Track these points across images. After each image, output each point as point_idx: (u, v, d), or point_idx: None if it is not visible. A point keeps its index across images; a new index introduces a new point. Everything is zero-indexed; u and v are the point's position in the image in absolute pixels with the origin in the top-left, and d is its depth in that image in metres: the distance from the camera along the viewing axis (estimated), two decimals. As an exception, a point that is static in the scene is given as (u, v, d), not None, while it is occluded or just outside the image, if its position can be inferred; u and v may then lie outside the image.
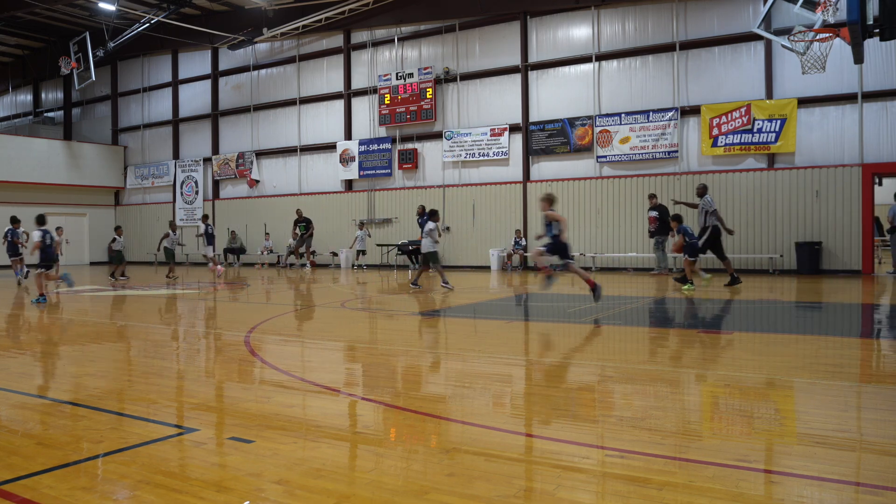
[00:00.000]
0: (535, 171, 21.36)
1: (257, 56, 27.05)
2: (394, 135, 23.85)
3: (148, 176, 30.74)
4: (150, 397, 5.36)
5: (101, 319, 11.01)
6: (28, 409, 5.09)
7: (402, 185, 23.78)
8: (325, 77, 25.39)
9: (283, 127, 26.54)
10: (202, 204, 28.83)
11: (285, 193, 26.50)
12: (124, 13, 25.10)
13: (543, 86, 21.16)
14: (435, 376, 6.39)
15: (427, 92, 22.87)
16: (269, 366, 6.70)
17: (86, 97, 32.61)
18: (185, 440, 4.25)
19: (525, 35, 21.32)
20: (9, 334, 9.55)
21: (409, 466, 3.71)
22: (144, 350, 7.87)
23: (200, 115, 28.99)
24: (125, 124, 31.76)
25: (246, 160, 27.30)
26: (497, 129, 21.73)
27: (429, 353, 7.52)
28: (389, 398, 5.30)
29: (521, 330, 9.33)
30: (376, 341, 8.42)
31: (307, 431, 4.38)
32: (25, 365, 6.89)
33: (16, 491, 3.36)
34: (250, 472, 3.58)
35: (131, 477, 3.54)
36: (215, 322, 10.76)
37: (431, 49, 23.16)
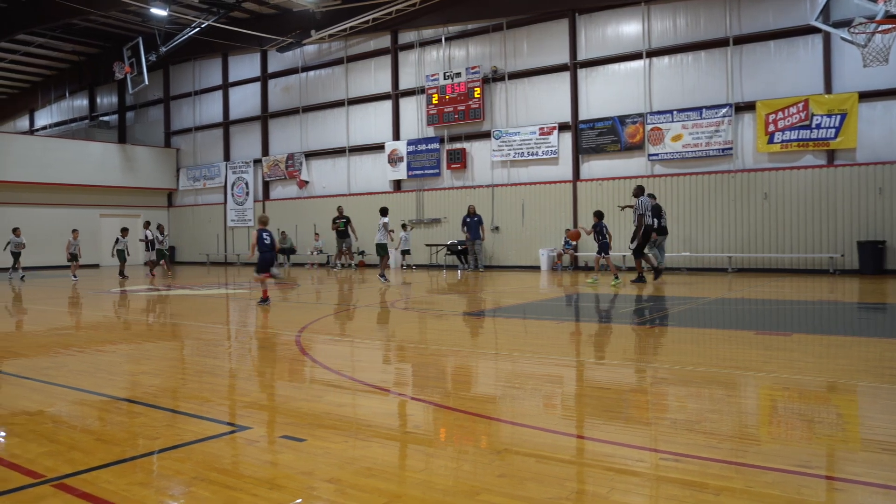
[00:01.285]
0: (585, 170, 21.15)
1: (306, 58, 27.36)
2: (442, 135, 23.88)
3: (199, 178, 31.36)
4: (203, 395, 5.45)
5: (155, 319, 11.26)
6: (87, 406, 5.22)
7: (451, 184, 23.78)
8: (372, 78, 25.56)
9: (332, 128, 26.80)
10: (253, 205, 29.29)
11: (334, 194, 26.75)
12: (176, 18, 25.66)
13: (593, 83, 20.93)
14: (485, 377, 6.35)
15: (475, 91, 22.83)
16: (319, 365, 6.76)
17: (139, 101, 33.44)
18: (237, 438, 4.30)
19: (574, 32, 21.11)
20: (71, 333, 9.83)
21: (460, 467, 3.69)
22: (197, 349, 8.01)
23: (250, 117, 29.47)
24: (177, 127, 32.46)
25: (295, 161, 27.65)
26: (546, 127, 21.58)
27: (478, 354, 7.49)
28: (439, 398, 5.29)
29: (571, 331, 9.24)
30: (425, 341, 8.42)
31: (358, 431, 4.39)
32: (84, 362, 7.08)
33: (76, 485, 3.44)
34: (302, 471, 3.60)
35: (186, 473, 3.60)
36: (266, 322, 10.90)
37: (479, 48, 23.11)
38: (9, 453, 4.02)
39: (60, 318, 11.67)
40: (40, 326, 10.55)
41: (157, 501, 3.25)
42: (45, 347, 7.99)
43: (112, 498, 3.26)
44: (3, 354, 7.53)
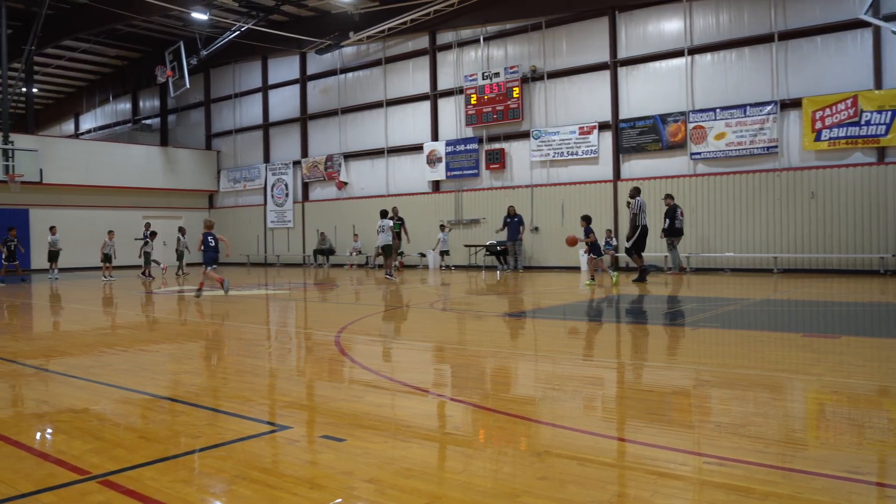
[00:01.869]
0: (625, 170, 20.93)
1: (344, 59, 27.56)
2: (480, 135, 23.84)
3: (240, 179, 31.79)
4: (244, 395, 5.50)
5: (196, 319, 11.42)
6: (130, 404, 5.30)
7: (490, 185, 23.73)
8: (411, 78, 25.63)
9: (371, 129, 26.94)
10: (292, 206, 29.59)
11: (373, 195, 26.89)
12: (216, 22, 26.07)
13: (633, 82, 20.70)
14: (524, 378, 6.31)
15: (514, 91, 22.75)
16: (358, 365, 6.78)
17: (180, 104, 34.05)
18: (278, 437, 4.33)
19: (614, 30, 20.91)
20: (112, 333, 10.03)
21: (500, 468, 3.66)
22: (238, 349, 8.10)
23: (290, 119, 29.78)
24: (218, 129, 32.96)
25: (334, 162, 27.86)
26: (586, 127, 21.40)
27: (518, 355, 7.44)
28: (478, 399, 5.26)
29: (612, 332, 9.13)
30: (465, 342, 8.39)
31: (397, 431, 4.39)
32: (127, 362, 7.20)
33: (120, 482, 3.49)
34: (342, 471, 3.61)
35: (227, 472, 3.63)
36: (305, 322, 11.00)
37: (518, 48, 23.02)
38: (56, 449, 4.10)
39: (104, 318, 11.91)
40: (85, 326, 10.78)
41: (200, 499, 3.28)
42: (90, 347, 8.16)
43: (156, 495, 3.30)
44: (50, 353, 7.71)
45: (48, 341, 8.99)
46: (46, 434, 4.52)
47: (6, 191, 25.70)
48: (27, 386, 6.16)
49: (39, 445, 4.29)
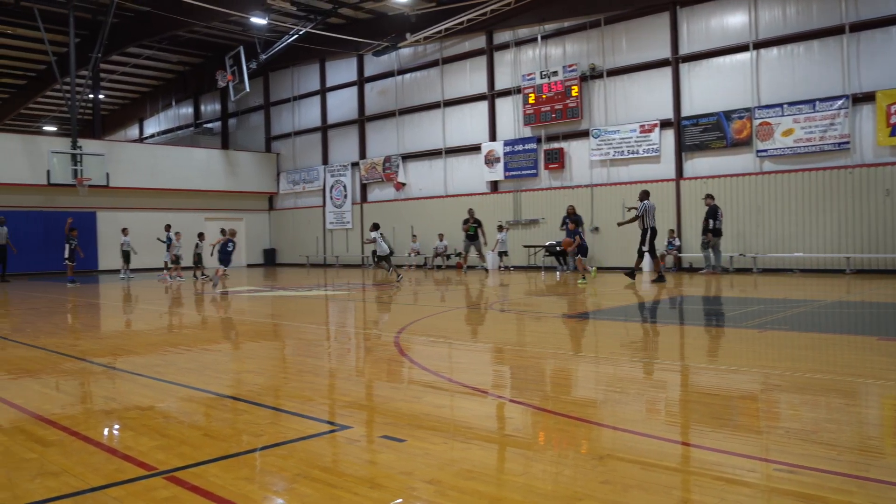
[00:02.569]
0: (688, 168, 20.48)
1: (401, 61, 27.71)
2: (539, 134, 23.66)
3: (299, 181, 32.24)
4: (304, 394, 5.56)
5: (257, 319, 11.63)
6: (194, 402, 5.42)
7: (549, 185, 23.53)
8: (468, 79, 25.61)
9: (428, 130, 27.02)
10: (351, 207, 29.88)
11: (431, 195, 26.96)
12: (274, 26, 26.52)
13: (696, 78, 20.24)
14: (585, 380, 6.21)
15: (572, 90, 22.51)
16: (418, 366, 6.78)
17: (241, 108, 34.72)
18: (338, 437, 4.36)
19: (675, 26, 20.48)
20: (176, 332, 10.29)
21: (560, 471, 3.60)
22: (298, 348, 8.21)
23: (347, 121, 30.06)
24: (277, 132, 33.48)
25: (392, 163, 28.04)
26: (647, 125, 21.03)
27: (579, 357, 7.34)
28: (539, 401, 5.20)
29: (676, 334, 8.94)
30: (524, 343, 8.33)
31: (457, 432, 4.37)
32: (191, 361, 7.36)
33: (186, 478, 3.56)
34: (402, 471, 3.61)
35: (289, 470, 3.66)
36: (364, 322, 11.08)
37: (576, 46, 22.77)
38: (123, 445, 4.21)
39: (169, 318, 12.22)
40: (150, 326, 11.09)
41: (262, 497, 3.33)
42: (155, 346, 8.38)
43: (219, 492, 3.35)
44: (117, 352, 7.94)
45: (115, 340, 9.27)
46: (114, 430, 4.65)
47: (75, 194, 26.64)
48: (96, 383, 6.36)
49: (108, 441, 4.41)
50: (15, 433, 4.46)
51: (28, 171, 25.76)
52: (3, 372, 6.69)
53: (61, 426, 4.63)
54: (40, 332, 9.94)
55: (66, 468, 3.73)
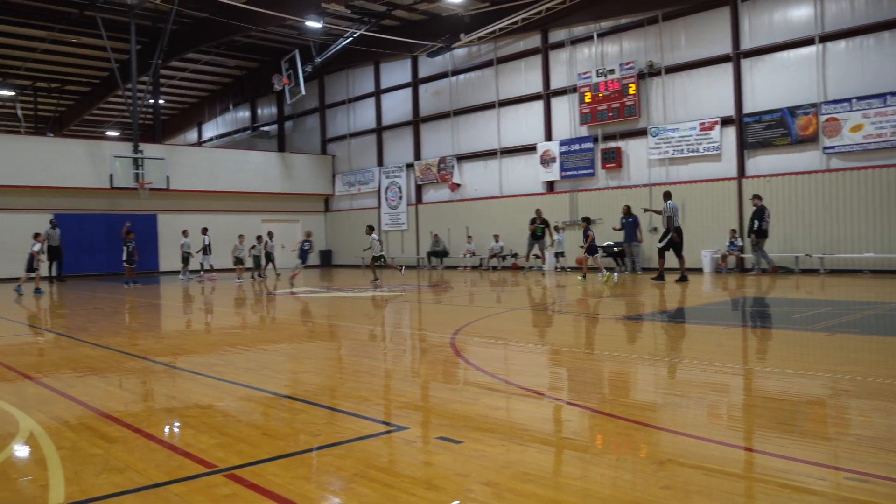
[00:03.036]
0: (750, 167, 19.94)
1: (455, 61, 27.72)
2: (595, 133, 23.38)
3: (354, 183, 32.53)
4: (361, 394, 5.59)
5: (313, 319, 11.77)
6: (253, 402, 5.49)
7: (606, 185, 23.22)
8: (523, 78, 25.47)
9: (483, 130, 26.96)
10: (406, 208, 30.02)
11: (486, 196, 26.89)
12: (329, 29, 26.83)
13: (758, 74, 19.70)
14: (644, 383, 6.09)
15: (629, 88, 22.17)
16: (474, 367, 6.75)
17: (296, 110, 35.21)
18: (395, 437, 4.36)
19: (736, 21, 19.98)
20: (237, 332, 10.48)
21: (619, 475, 3.53)
22: (354, 349, 8.26)
23: (402, 122, 30.20)
24: (332, 134, 33.84)
25: (447, 164, 28.07)
26: (707, 122, 20.57)
27: (637, 359, 7.20)
28: (596, 404, 5.11)
29: (739, 336, 8.70)
30: (581, 345, 8.23)
31: (514, 434, 4.33)
32: (250, 360, 7.48)
33: (245, 476, 3.61)
34: (459, 472, 3.58)
35: (346, 470, 3.68)
36: (420, 323, 11.10)
37: (633, 43, 22.41)
38: (184, 443, 4.30)
39: (227, 319, 12.45)
40: (209, 326, 11.32)
41: (320, 496, 3.35)
42: (214, 346, 8.55)
43: (278, 490, 3.38)
44: (178, 352, 8.12)
45: (176, 340, 9.50)
46: (175, 428, 4.75)
47: (136, 197, 27.45)
48: (157, 382, 6.51)
49: (169, 438, 4.51)
50: (81, 430, 4.60)
51: (92, 175, 26.67)
52: (70, 370, 6.91)
53: (125, 423, 4.75)
54: (104, 331, 10.25)
55: (130, 464, 3.82)
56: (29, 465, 3.96)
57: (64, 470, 3.74)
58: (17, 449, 4.24)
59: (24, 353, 8.18)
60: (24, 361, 7.49)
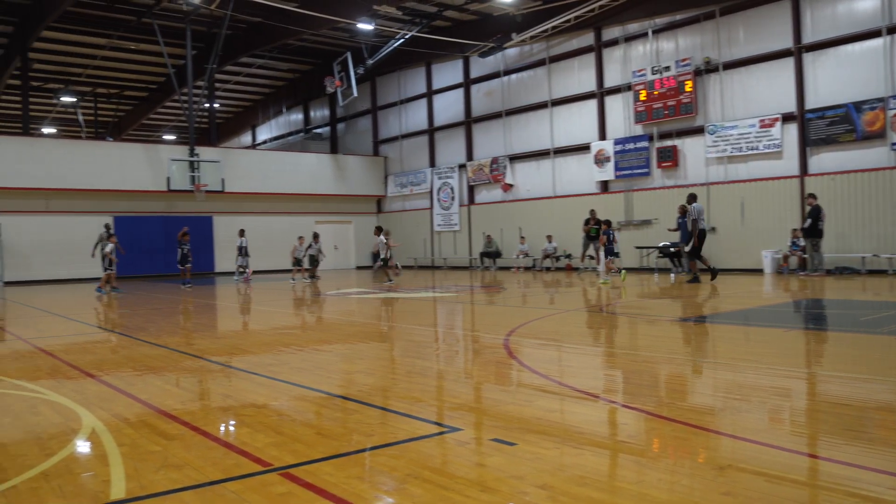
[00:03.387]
0: (813, 164, 19.34)
1: (507, 61, 27.60)
2: (651, 132, 23.00)
3: (406, 184, 32.66)
4: (414, 395, 5.58)
5: (366, 320, 11.83)
6: (307, 401, 5.54)
7: (662, 184, 22.82)
8: (576, 77, 25.21)
9: (535, 130, 26.78)
10: (458, 209, 30.02)
11: (539, 196, 26.72)
12: (381, 31, 27.00)
13: (821, 68, 19.09)
14: (702, 386, 5.94)
15: (686, 85, 21.74)
16: (527, 369, 6.69)
17: (349, 112, 35.53)
18: (448, 439, 4.33)
19: (797, 14, 19.41)
20: (291, 332, 10.61)
21: (677, 480, 3.44)
22: (407, 350, 8.27)
23: (454, 123, 30.19)
24: (384, 136, 34.04)
25: (499, 165, 27.96)
26: (767, 119, 20.03)
27: (695, 362, 7.03)
28: (653, 407, 5.01)
29: (802, 339, 8.43)
30: (637, 347, 8.08)
31: (569, 437, 4.26)
32: (304, 360, 7.55)
33: (299, 475, 3.63)
34: (513, 475, 3.54)
35: (400, 470, 3.67)
36: (473, 324, 11.07)
37: (689, 39, 21.98)
38: (240, 441, 4.35)
39: (282, 319, 12.61)
40: (264, 326, 11.48)
41: (374, 496, 3.34)
42: (269, 346, 8.66)
43: (332, 489, 3.39)
44: (233, 351, 8.25)
45: (231, 339, 9.66)
46: (231, 426, 4.82)
47: (192, 199, 28.10)
48: (213, 381, 6.62)
49: (225, 436, 4.57)
50: (141, 427, 4.70)
51: (150, 178, 27.41)
52: (129, 369, 7.08)
53: (182, 421, 4.84)
54: (162, 331, 10.49)
55: (188, 461, 3.89)
56: (91, 461, 4.06)
57: (124, 466, 3.82)
58: (79, 445, 4.36)
59: (86, 352, 8.42)
60: (86, 360, 7.71)
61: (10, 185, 25.03)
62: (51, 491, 3.47)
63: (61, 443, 4.38)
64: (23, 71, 28.07)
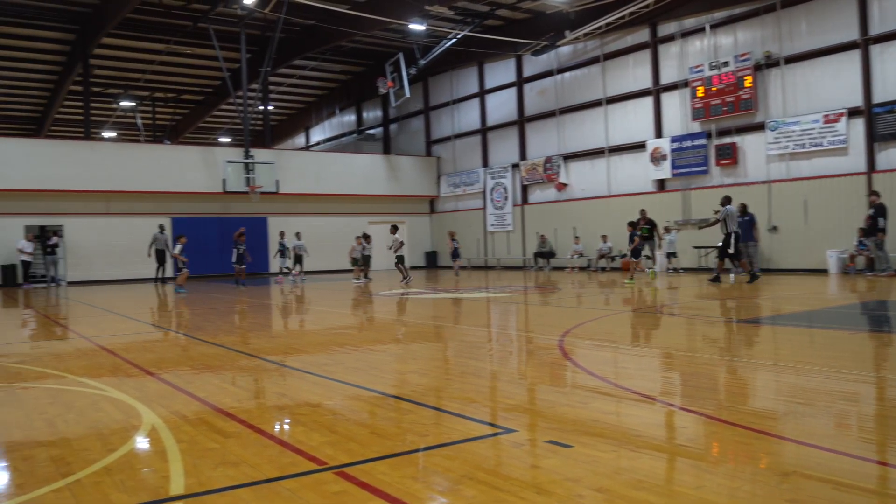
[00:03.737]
0: (881, 160, 18.64)
1: (560, 59, 27.35)
2: (709, 129, 22.50)
3: (459, 184, 32.63)
4: (468, 396, 5.55)
5: (419, 320, 11.85)
6: (361, 401, 5.56)
7: (720, 182, 22.30)
8: (631, 74, 24.84)
9: (589, 128, 26.47)
10: (511, 209, 29.88)
11: (593, 196, 26.41)
12: (433, 31, 27.04)
13: (890, 60, 18.37)
14: (764, 389, 5.77)
15: (745, 80, 21.21)
16: (583, 370, 6.60)
17: (401, 113, 35.68)
18: (503, 440, 4.30)
19: (864, 4, 18.72)
20: (346, 332, 10.70)
21: (738, 486, 3.33)
22: (460, 350, 8.25)
23: (507, 123, 30.04)
24: (437, 136, 34.07)
25: (553, 164, 27.74)
26: (832, 114, 19.38)
27: (757, 364, 6.84)
28: (712, 410, 4.88)
29: (868, 342, 8.13)
30: (696, 349, 7.90)
31: (626, 440, 4.17)
32: (358, 360, 7.59)
33: (354, 474, 3.64)
34: (569, 477, 3.49)
35: (454, 471, 3.64)
36: (527, 325, 10.99)
37: (748, 33, 21.42)
38: (295, 440, 4.39)
39: (336, 319, 12.71)
40: (318, 325, 11.60)
41: (428, 496, 3.33)
42: (323, 345, 8.73)
43: (387, 489, 3.39)
44: (289, 351, 8.34)
45: (286, 339, 9.78)
46: (286, 425, 4.87)
47: (247, 201, 28.60)
48: (269, 380, 6.71)
49: (280, 435, 4.62)
50: (199, 424, 4.78)
51: (206, 180, 28.00)
52: (187, 367, 7.23)
53: (239, 419, 4.91)
54: (219, 330, 10.69)
55: (245, 459, 3.93)
56: (151, 457, 4.14)
57: (183, 462, 3.89)
58: (139, 441, 4.46)
59: (146, 350, 8.63)
60: (146, 358, 7.90)
61: (73, 188, 25.87)
62: (113, 485, 3.55)
63: (122, 439, 4.49)
64: (84, 77, 28.98)
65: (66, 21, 26.89)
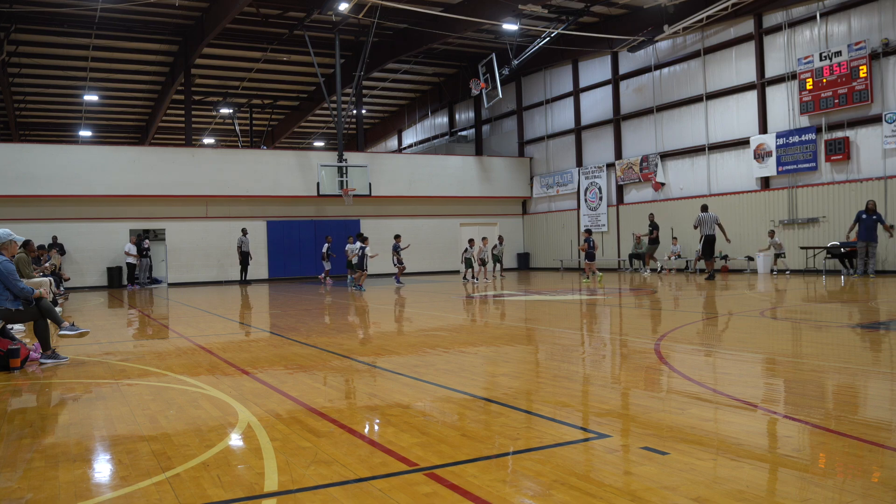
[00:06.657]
0: None
1: (658, 55, 26.63)
2: (818, 123, 21.39)
3: (553, 185, 32.25)
4: (560, 400, 5.46)
5: (512, 323, 11.76)
6: (452, 403, 5.54)
7: (831, 179, 21.17)
8: (733, 68, 23.92)
9: (689, 126, 25.66)
10: (606, 209, 29.32)
11: (693, 195, 25.58)
12: (526, 31, 26.82)
13: None
14: (879, 399, 5.41)
15: (860, 70, 20.04)
16: (680, 375, 6.38)
17: (493, 114, 35.59)
18: (596, 445, 4.20)
19: None
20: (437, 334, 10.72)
21: (849, 501, 3.13)
22: (553, 353, 8.13)
23: (602, 122, 29.51)
24: (530, 136, 33.78)
25: (650, 163, 27.04)
26: (954, 104, 18.08)
27: (871, 372, 6.42)
28: (819, 419, 4.61)
29: None
30: (801, 355, 7.50)
31: (725, 448, 4.00)
32: (449, 362, 7.58)
33: (444, 476, 3.63)
34: (665, 485, 3.37)
35: (546, 476, 3.59)
36: (621, 328, 10.74)
37: (863, 20, 20.22)
38: (386, 440, 4.42)
39: (428, 321, 12.75)
40: (410, 327, 11.68)
41: (519, 501, 3.28)
42: (415, 347, 8.78)
43: (477, 492, 3.37)
44: (380, 352, 8.43)
45: (378, 340, 9.89)
46: (377, 425, 4.91)
47: (341, 204, 29.21)
48: (360, 380, 6.80)
49: (371, 435, 4.67)
50: (292, 423, 4.89)
51: (301, 184, 28.80)
52: (281, 367, 7.42)
53: (331, 419, 4.99)
54: (312, 331, 10.92)
55: (336, 458, 3.99)
56: (246, 454, 4.26)
57: (277, 460, 3.99)
58: (235, 438, 4.59)
59: (241, 350, 8.90)
60: (242, 357, 8.15)
61: (174, 193, 27.14)
62: (210, 480, 3.67)
63: (220, 435, 4.64)
64: (186, 86, 30.32)
65: (169, 33, 28.28)
